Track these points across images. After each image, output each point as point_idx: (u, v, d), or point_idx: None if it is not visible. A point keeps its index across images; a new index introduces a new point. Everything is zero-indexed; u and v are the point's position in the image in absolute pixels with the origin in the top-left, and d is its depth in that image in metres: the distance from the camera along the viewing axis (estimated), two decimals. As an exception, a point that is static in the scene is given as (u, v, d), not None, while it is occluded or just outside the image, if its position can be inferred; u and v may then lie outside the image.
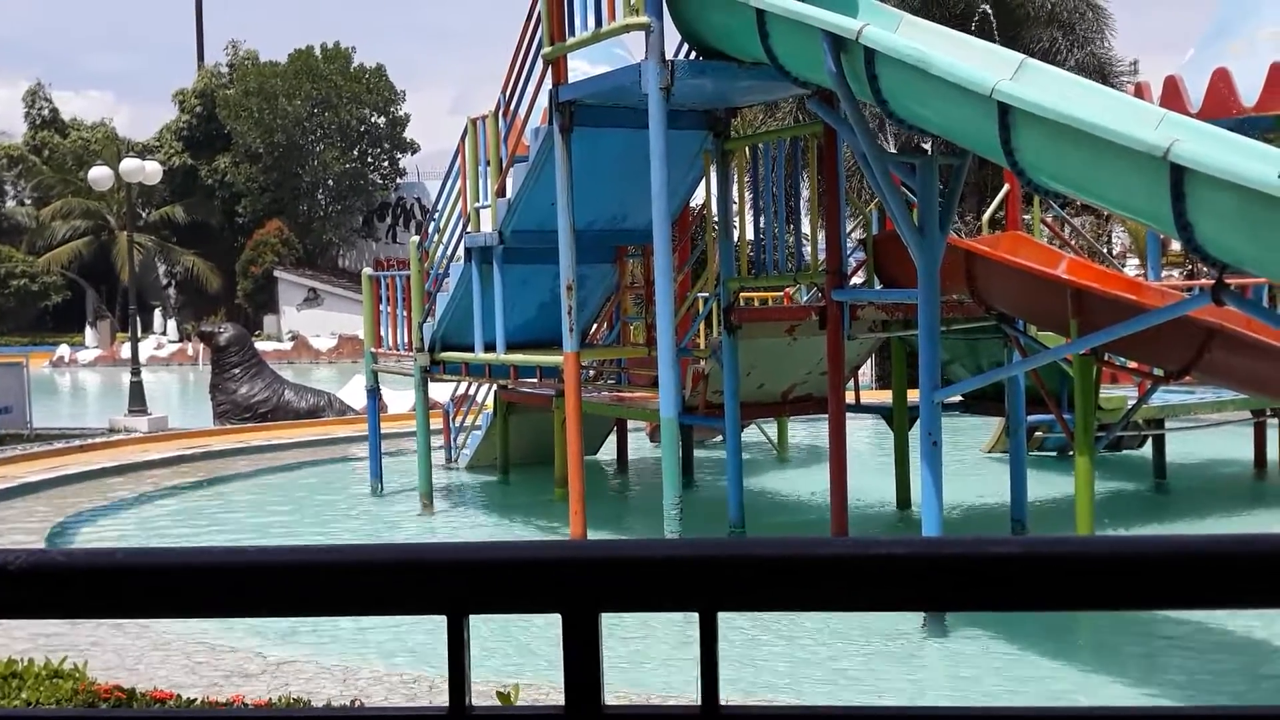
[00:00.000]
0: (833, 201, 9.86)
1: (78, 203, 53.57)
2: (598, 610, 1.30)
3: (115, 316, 52.27)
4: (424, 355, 12.90)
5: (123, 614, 1.42)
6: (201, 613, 1.42)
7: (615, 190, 11.37)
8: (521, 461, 14.93)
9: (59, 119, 58.95)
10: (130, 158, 24.42)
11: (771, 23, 8.32)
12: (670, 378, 9.26)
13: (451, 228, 12.59)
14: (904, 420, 11.90)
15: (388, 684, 6.71)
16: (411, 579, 1.32)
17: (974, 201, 22.15)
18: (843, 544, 1.29)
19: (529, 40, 10.79)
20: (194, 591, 1.35)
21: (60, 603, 1.38)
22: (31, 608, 1.41)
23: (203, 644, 7.67)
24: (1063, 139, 6.52)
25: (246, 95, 52.40)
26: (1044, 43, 23.54)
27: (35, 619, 1.39)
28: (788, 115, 22.96)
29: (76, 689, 5.72)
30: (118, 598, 1.37)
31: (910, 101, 7.47)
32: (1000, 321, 9.92)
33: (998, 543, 1.26)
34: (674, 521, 9.27)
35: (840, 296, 9.61)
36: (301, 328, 49.55)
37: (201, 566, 1.34)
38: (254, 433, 18.82)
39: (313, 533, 12.14)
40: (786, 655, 7.76)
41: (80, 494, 14.07)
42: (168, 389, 34.54)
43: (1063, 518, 10.98)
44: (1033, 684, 7.16)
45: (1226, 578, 1.21)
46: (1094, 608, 1.26)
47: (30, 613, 1.40)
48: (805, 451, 16.40)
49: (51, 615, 1.43)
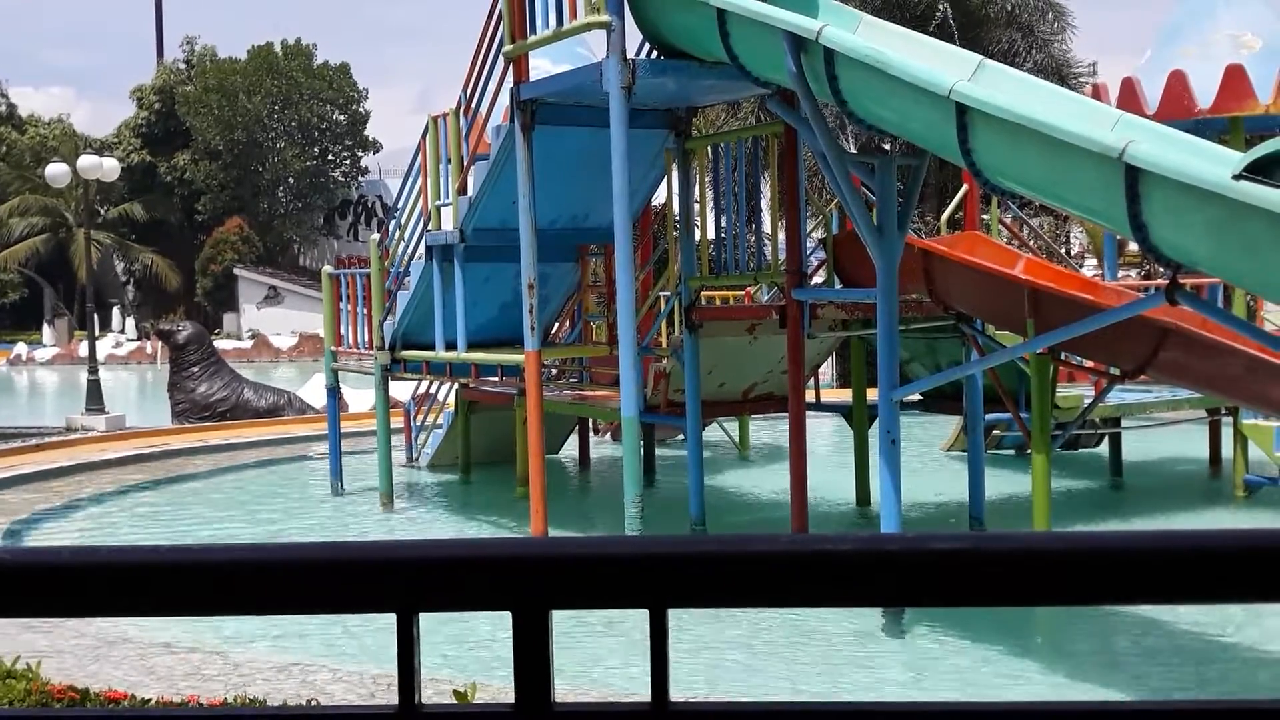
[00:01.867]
0: (792, 201, 9.89)
1: (35, 200, 53.00)
2: (548, 608, 1.30)
3: (73, 314, 51.78)
4: (385, 354, 12.85)
5: (69, 613, 1.40)
6: (150, 611, 1.40)
7: (577, 189, 11.36)
8: (483, 460, 14.90)
9: (15, 115, 58.32)
10: (88, 154, 24.18)
11: (732, 22, 8.34)
12: (632, 376, 9.27)
13: (412, 226, 12.55)
14: (863, 419, 11.96)
15: (347, 683, 6.68)
16: (360, 577, 1.32)
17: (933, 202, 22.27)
18: (789, 540, 1.30)
19: (490, 38, 10.77)
20: (140, 591, 1.34)
21: (4, 603, 1.36)
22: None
23: (159, 644, 7.61)
24: (1019, 140, 6.57)
25: (206, 92, 52.04)
26: (1003, 44, 23.68)
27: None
28: (749, 115, 23.02)
29: (29, 689, 5.67)
30: (63, 597, 1.35)
31: (869, 102, 7.51)
32: (958, 321, 9.99)
33: (944, 539, 1.28)
34: (635, 520, 9.28)
35: (800, 296, 9.64)
36: (261, 326, 49.25)
37: (148, 565, 1.33)
38: (213, 432, 18.69)
39: (271, 532, 12.07)
40: (745, 653, 7.79)
41: (36, 493, 13.94)
42: (126, 387, 34.26)
43: (1021, 515, 11.08)
44: (990, 678, 7.22)
45: (1177, 573, 1.22)
46: (1045, 603, 1.25)
47: None
48: (766, 450, 16.45)
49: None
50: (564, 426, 15.51)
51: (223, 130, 51.89)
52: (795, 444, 9.91)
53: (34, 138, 55.40)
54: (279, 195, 54.67)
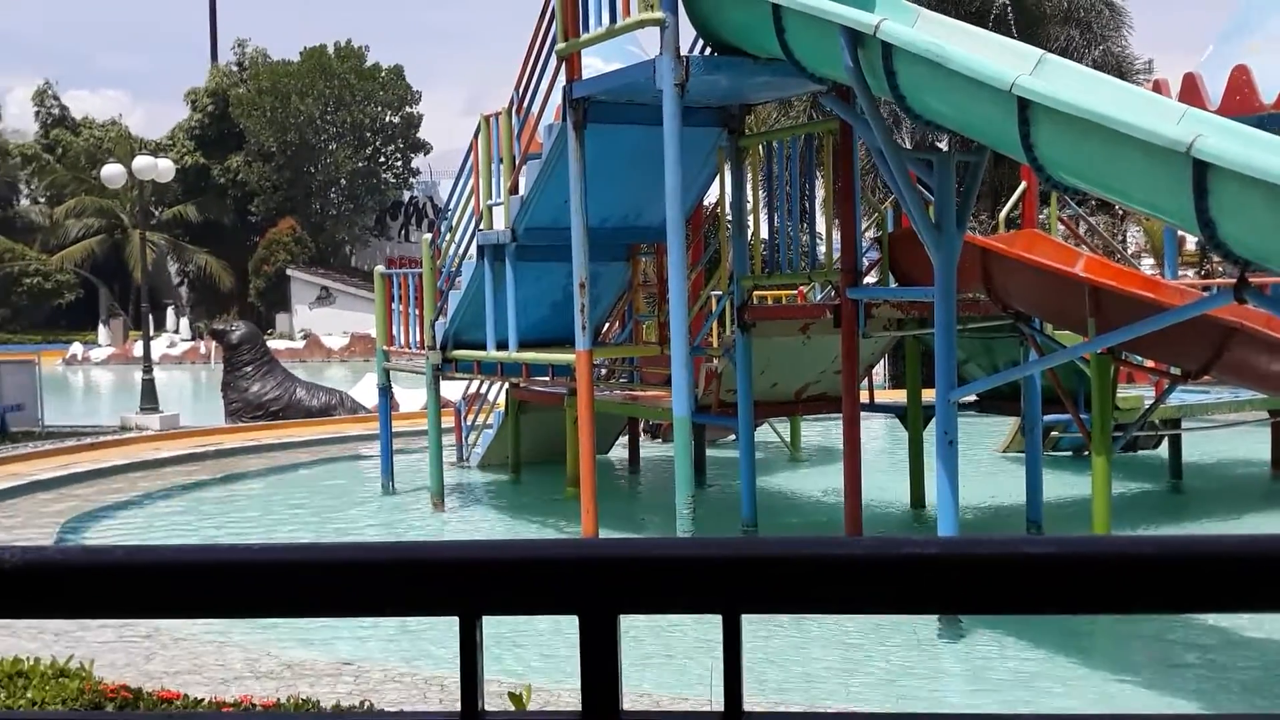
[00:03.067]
0: (848, 199, 9.78)
1: (91, 201, 53.71)
2: (616, 612, 1.25)
3: (128, 315, 52.35)
4: (436, 353, 12.84)
5: (123, 613, 1.36)
6: (203, 613, 1.36)
7: (628, 188, 11.30)
8: (533, 460, 14.88)
9: (69, 117, 59.10)
10: (143, 156, 24.42)
11: (788, 18, 8.25)
12: (684, 376, 9.20)
13: (464, 225, 12.54)
14: (918, 420, 11.82)
15: (399, 684, 6.65)
16: (422, 579, 1.27)
17: (989, 200, 22.03)
18: (870, 543, 1.23)
19: (543, 37, 10.73)
20: (196, 591, 1.30)
21: (57, 601, 1.33)
22: (27, 606, 1.36)
23: (211, 643, 7.62)
24: (1083, 135, 6.44)
25: (259, 94, 52.48)
26: (1061, 41, 23.41)
27: (30, 618, 1.34)
28: (801, 113, 22.88)
29: (83, 688, 5.67)
30: (117, 596, 1.32)
31: (928, 97, 7.39)
32: (1017, 320, 9.83)
33: (1031, 542, 1.20)
34: (686, 520, 9.20)
35: (855, 295, 9.53)
36: (314, 326, 49.62)
37: (205, 565, 1.30)
38: (266, 431, 18.81)
39: (323, 531, 12.10)
40: (798, 655, 7.69)
41: (91, 491, 14.06)
42: (180, 387, 34.59)
43: (1078, 519, 10.90)
44: (1049, 684, 7.08)
45: (1241, 579, 1.14)
46: (1122, 611, 1.18)
47: (25, 612, 1.36)
48: (818, 451, 16.32)
49: (48, 614, 1.39)
50: (614, 427, 15.45)
51: (276, 132, 52.31)
52: (849, 445, 9.80)
53: (89, 140, 56.10)
54: (331, 196, 55.05)
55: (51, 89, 59.43)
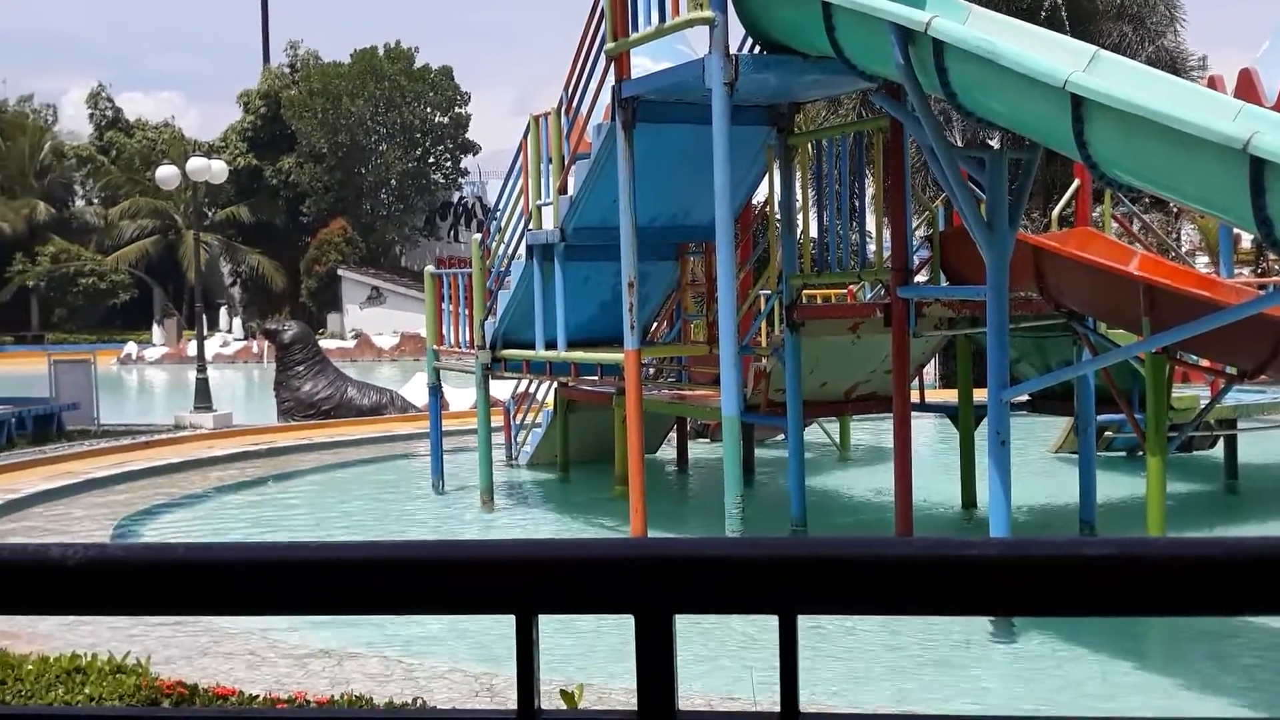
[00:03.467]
0: (898, 197, 9.73)
1: (145, 202, 54.34)
2: (672, 611, 1.25)
3: (182, 314, 52.97)
4: (485, 353, 12.90)
5: (183, 610, 1.38)
6: (262, 610, 1.37)
7: (677, 187, 11.30)
8: (581, 459, 14.90)
9: (123, 119, 59.81)
10: (196, 157, 24.69)
11: (838, 15, 8.21)
12: (732, 376, 9.18)
13: (513, 225, 12.58)
14: (970, 419, 11.73)
15: (450, 681, 6.68)
16: (479, 578, 1.28)
17: (1042, 198, 21.83)
18: (927, 544, 1.22)
19: (592, 36, 10.75)
20: (255, 588, 1.31)
21: (118, 598, 1.35)
22: (89, 603, 1.37)
23: (266, 640, 7.69)
24: (1138, 132, 6.37)
25: (310, 95, 52.88)
26: (1113, 37, 23.14)
27: (93, 614, 1.36)
28: (851, 111, 22.78)
29: (139, 685, 5.74)
30: (178, 594, 1.33)
31: (980, 94, 7.34)
32: (1070, 319, 9.74)
33: (1089, 544, 1.19)
34: (735, 520, 9.19)
35: (906, 293, 9.48)
36: (364, 326, 49.96)
37: (262, 563, 1.31)
38: (317, 430, 18.95)
39: (374, 530, 12.18)
40: (848, 655, 7.65)
41: (146, 490, 14.22)
42: (233, 386, 34.93)
43: (1132, 520, 10.78)
44: (1101, 687, 7.00)
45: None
46: (1178, 613, 1.17)
47: (88, 608, 1.37)
48: (868, 451, 16.24)
49: (110, 611, 1.40)
50: (662, 426, 15.45)
51: (327, 133, 52.69)
52: (900, 445, 9.74)
53: (143, 141, 56.76)
54: (381, 197, 55.39)
55: (105, 91, 60.17)
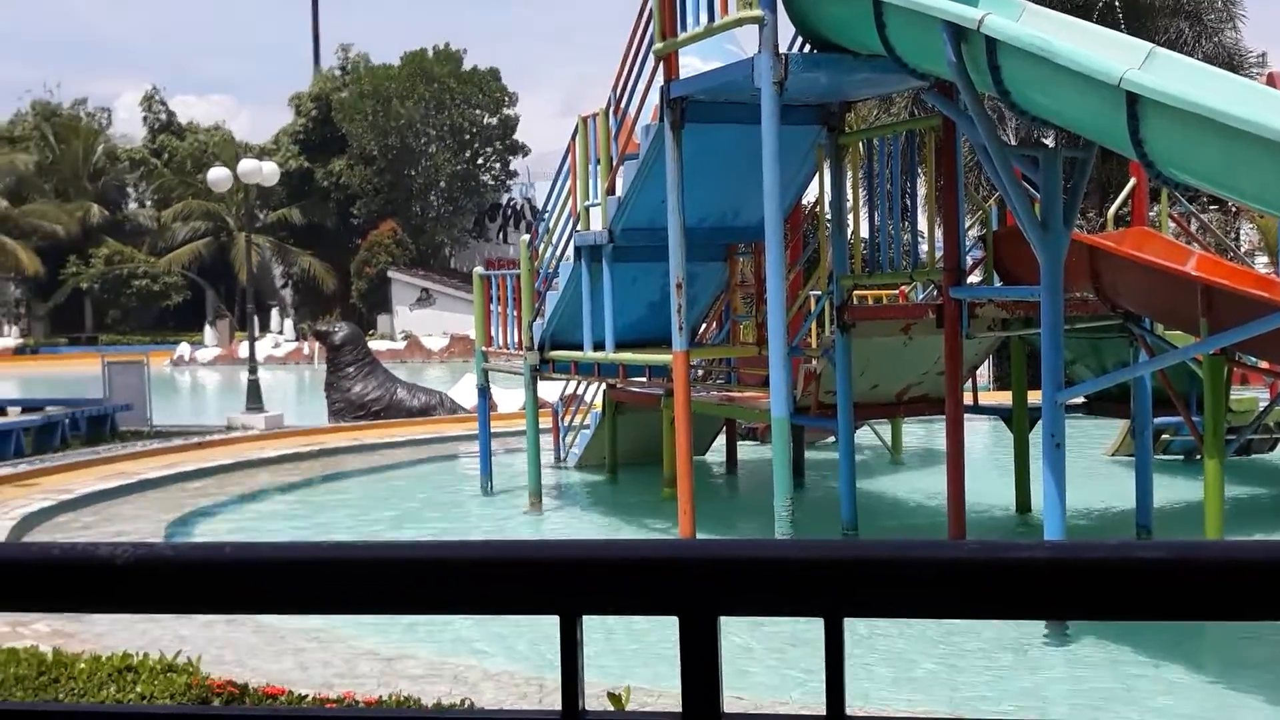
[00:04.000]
0: (951, 196, 9.63)
1: (197, 205, 54.94)
2: (717, 613, 1.25)
3: (234, 316, 53.50)
4: (534, 354, 12.91)
5: (230, 609, 1.39)
6: (307, 609, 1.38)
7: (726, 187, 11.25)
8: (630, 461, 14.89)
9: (175, 122, 60.50)
10: (248, 160, 24.91)
11: (889, 13, 8.14)
12: (782, 377, 9.12)
13: (561, 226, 12.58)
14: (1024, 422, 11.60)
15: (498, 682, 6.67)
16: (525, 578, 1.28)
17: (1098, 196, 21.59)
18: (976, 546, 1.20)
19: (640, 37, 10.73)
20: (301, 587, 1.32)
21: (168, 597, 1.37)
22: (138, 601, 1.39)
23: (315, 641, 7.71)
24: (1194, 129, 6.27)
25: (361, 98, 53.26)
26: (1169, 34, 22.83)
27: (142, 613, 1.36)
28: (903, 109, 22.62)
29: (190, 683, 5.77)
30: (226, 592, 1.35)
31: (1034, 92, 7.25)
32: (1126, 320, 9.60)
33: (1143, 547, 1.16)
34: (785, 523, 9.13)
35: (959, 294, 9.38)
36: (414, 327, 50.24)
37: (311, 562, 1.32)
38: (367, 431, 19.06)
39: (423, 530, 12.22)
40: (899, 658, 7.58)
41: (198, 490, 14.35)
42: (284, 387, 35.22)
43: (1190, 524, 10.62)
44: (1156, 695, 6.89)
45: None
46: (1235, 618, 1.14)
47: (137, 606, 1.39)
48: (920, 453, 16.11)
49: (159, 609, 1.42)
50: (711, 428, 15.40)
51: (377, 136, 53.04)
52: (952, 448, 9.64)
53: (195, 144, 57.38)
54: (430, 199, 55.70)
55: (159, 94, 60.91)
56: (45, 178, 57.54)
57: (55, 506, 12.70)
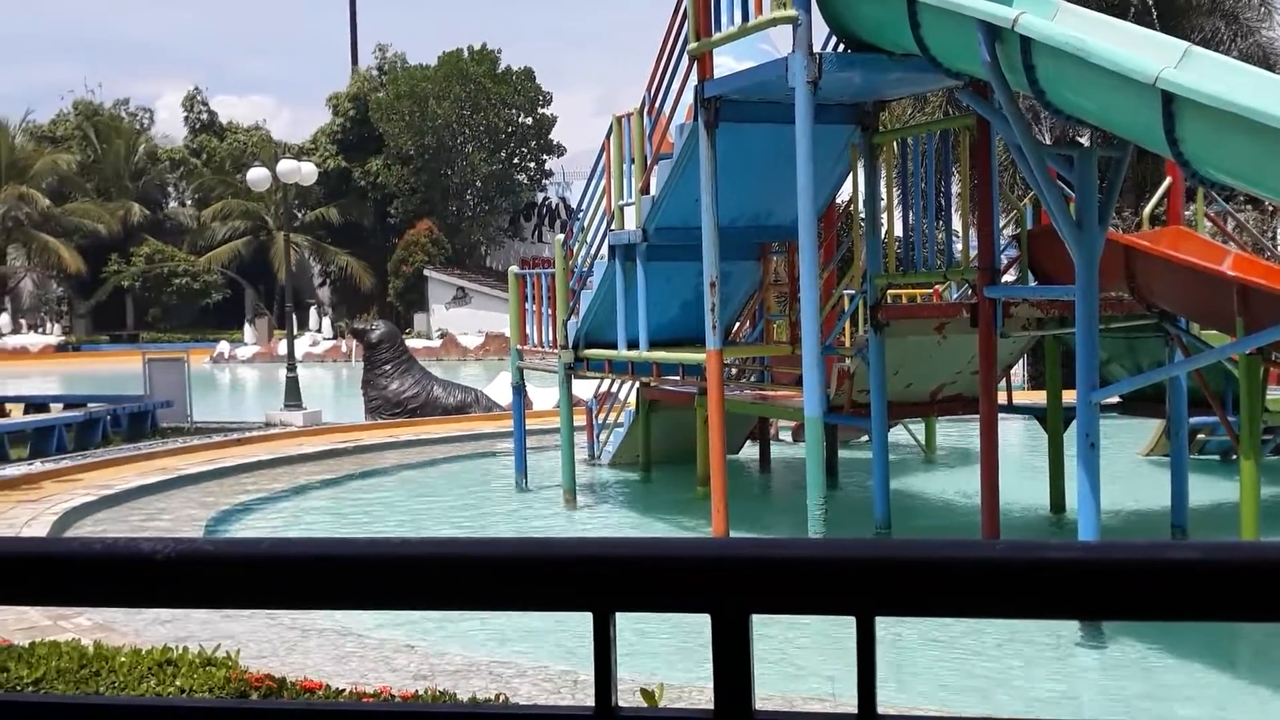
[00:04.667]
0: (986, 195, 9.61)
1: (237, 204, 55.35)
2: (748, 612, 1.26)
3: (273, 314, 53.85)
4: (568, 352, 12.96)
5: (267, 604, 1.41)
6: (344, 604, 1.40)
7: (760, 186, 11.27)
8: (663, 459, 14.91)
9: (216, 123, 60.97)
10: (286, 160, 25.09)
11: (923, 13, 8.14)
12: (815, 376, 9.14)
13: (596, 225, 12.63)
14: (1059, 422, 11.56)
15: (534, 679, 6.72)
16: (557, 575, 1.29)
17: (1133, 195, 21.44)
18: (1007, 546, 1.22)
19: (674, 37, 10.76)
20: (337, 582, 1.34)
21: (207, 592, 1.38)
22: (179, 596, 1.41)
23: (353, 637, 7.79)
24: (1230, 129, 6.24)
25: (398, 98, 53.48)
26: (1206, 32, 22.65)
27: (182, 608, 1.39)
28: (937, 109, 22.54)
29: (229, 677, 5.84)
30: (263, 588, 1.36)
31: (1068, 91, 7.24)
32: (1161, 319, 9.56)
33: (1175, 547, 1.17)
34: (818, 522, 9.14)
35: (993, 293, 9.36)
36: (450, 325, 50.44)
37: (346, 558, 1.33)
38: (404, 428, 19.17)
39: (459, 526, 12.30)
40: (934, 658, 7.58)
41: (237, 486, 14.48)
42: (322, 385, 35.43)
43: (1225, 524, 10.56)
44: (1191, 696, 6.87)
45: None
46: (1271, 619, 1.14)
47: (178, 602, 1.40)
48: (954, 453, 16.06)
49: (198, 604, 1.43)
50: (744, 426, 15.41)
51: (414, 135, 53.25)
52: (987, 447, 9.62)
53: (234, 144, 57.81)
54: (467, 198, 55.88)
55: (201, 95, 61.39)
56: (87, 177, 58.13)
57: (97, 502, 12.86)
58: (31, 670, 5.96)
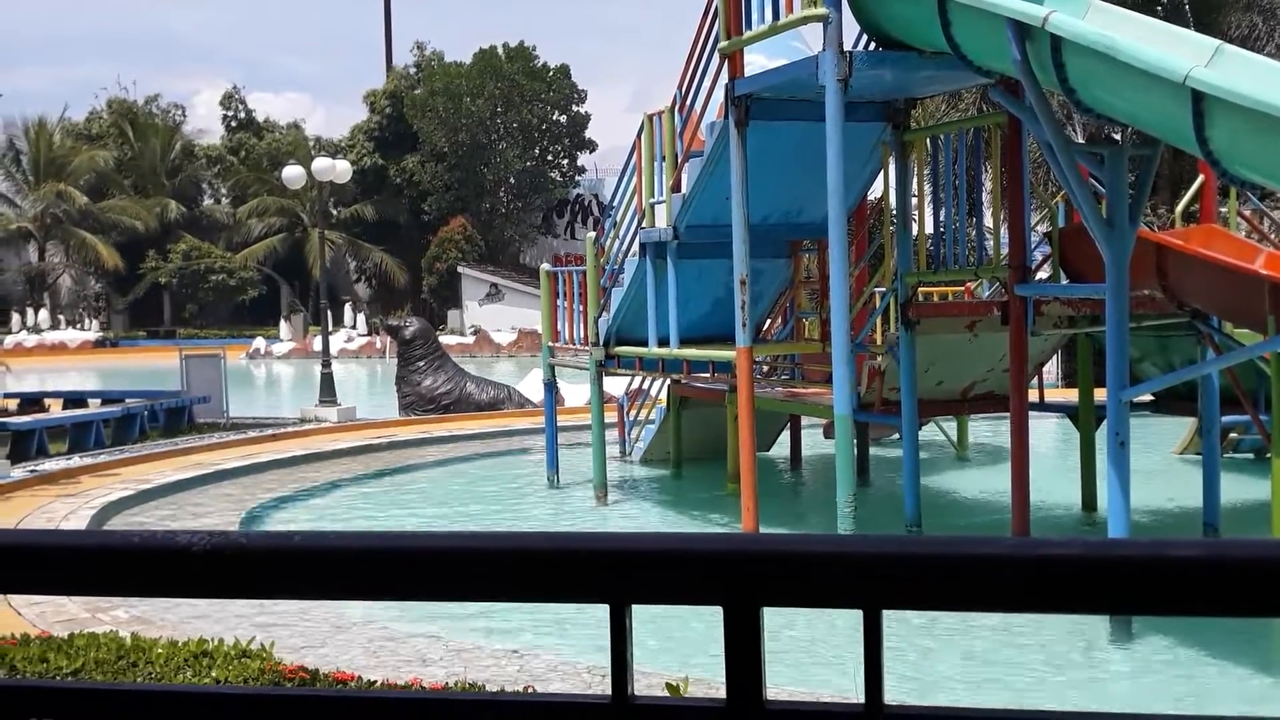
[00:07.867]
0: (1016, 193, 9.60)
1: (273, 201, 55.63)
2: (760, 604, 1.29)
3: (308, 310, 54.12)
4: (599, 349, 13.02)
5: (299, 595, 1.45)
6: (374, 595, 1.44)
7: (790, 184, 11.29)
8: (694, 456, 14.95)
9: (254, 120, 61.33)
10: (322, 157, 25.24)
11: (953, 11, 8.15)
12: (845, 374, 9.16)
13: (627, 223, 12.68)
14: (1090, 420, 11.53)
15: (562, 672, 6.79)
16: (576, 568, 1.33)
17: (1167, 193, 21.29)
18: (1010, 544, 1.26)
19: (706, 35, 10.80)
20: (367, 575, 1.38)
21: (241, 583, 1.42)
22: (214, 588, 1.45)
23: (385, 630, 7.88)
24: (1261, 127, 6.23)
25: (433, 95, 53.62)
26: (1242, 29, 22.44)
27: (218, 599, 1.44)
28: (970, 106, 22.46)
29: (263, 668, 5.94)
30: (294, 579, 1.41)
31: (1099, 90, 7.23)
32: (1193, 318, 9.52)
33: (1176, 545, 1.21)
34: (848, 519, 9.16)
35: (1024, 291, 9.35)
36: (483, 322, 50.56)
37: (378, 551, 1.37)
38: (437, 424, 19.27)
39: (490, 521, 12.37)
40: (959, 654, 7.60)
41: (272, 481, 14.62)
42: (356, 381, 35.61)
43: (1257, 523, 10.50)
44: (1221, 692, 6.86)
45: None
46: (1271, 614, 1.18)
47: (213, 593, 1.45)
48: (986, 450, 16.02)
49: (233, 595, 1.47)
50: (775, 424, 15.43)
51: (448, 133, 53.39)
52: (1017, 445, 9.62)
53: (271, 142, 58.16)
54: (500, 195, 55.98)
55: (239, 93, 61.80)
56: (125, 174, 58.60)
57: (134, 496, 13.02)
58: (70, 661, 6.08)
